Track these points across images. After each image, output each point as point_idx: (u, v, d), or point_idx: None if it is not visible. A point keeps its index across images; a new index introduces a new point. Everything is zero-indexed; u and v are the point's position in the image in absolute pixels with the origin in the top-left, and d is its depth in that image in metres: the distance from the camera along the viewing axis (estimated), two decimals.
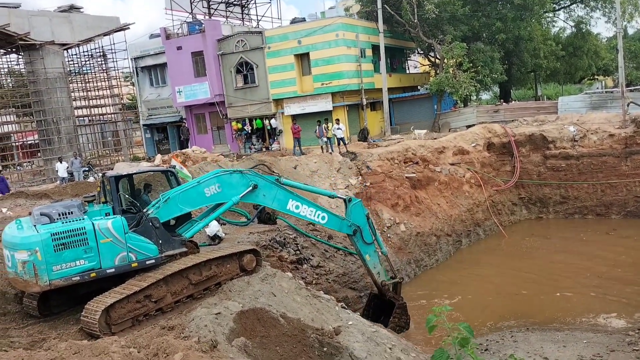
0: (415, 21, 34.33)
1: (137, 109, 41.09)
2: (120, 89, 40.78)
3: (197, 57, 34.70)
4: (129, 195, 11.14)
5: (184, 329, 8.76)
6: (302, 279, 14.20)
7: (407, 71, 45.19)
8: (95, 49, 37.60)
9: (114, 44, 37.45)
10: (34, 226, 9.70)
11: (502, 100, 42.81)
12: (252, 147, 35.29)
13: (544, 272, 18.79)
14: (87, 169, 27.85)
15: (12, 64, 36.99)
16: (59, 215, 9.88)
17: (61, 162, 26.82)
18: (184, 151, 27.69)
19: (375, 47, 34.16)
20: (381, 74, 33.38)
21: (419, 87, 41.74)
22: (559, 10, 45.08)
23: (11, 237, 9.72)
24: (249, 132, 35.09)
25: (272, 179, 12.72)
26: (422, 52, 41.26)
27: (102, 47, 37.54)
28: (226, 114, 35.31)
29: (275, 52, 33.33)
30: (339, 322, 10.98)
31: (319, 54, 32.32)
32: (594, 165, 25.17)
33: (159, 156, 28.05)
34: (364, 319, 12.57)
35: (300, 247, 15.74)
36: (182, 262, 10.57)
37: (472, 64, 33.13)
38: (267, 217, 16.39)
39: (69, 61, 36.79)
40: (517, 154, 26.61)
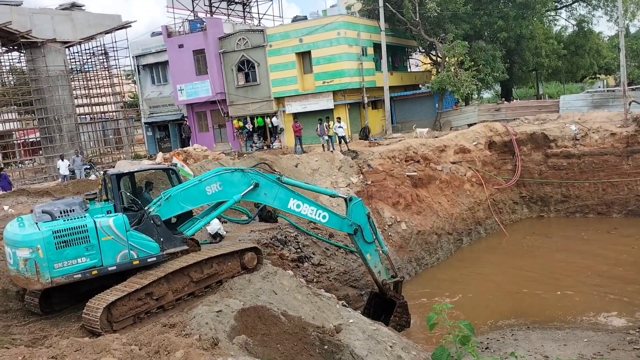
0: (416, 19, 34.26)
1: (138, 107, 41.08)
2: (121, 87, 40.78)
3: (199, 55, 34.67)
4: (131, 193, 11.17)
5: (185, 327, 8.78)
6: (303, 277, 14.23)
7: (409, 70, 45.10)
8: (97, 46, 37.62)
9: (116, 42, 37.51)
10: (36, 224, 9.72)
11: (503, 98, 42.75)
12: (254, 145, 35.28)
13: (545, 271, 18.81)
14: (88, 167, 27.84)
15: (14, 62, 37.02)
16: (60, 213, 9.91)
17: (63, 160, 26.83)
18: (185, 149, 27.68)
19: (376, 46, 34.11)
20: (382, 72, 33.34)
21: (420, 86, 41.72)
22: (560, 8, 44.95)
23: (13, 235, 9.75)
24: (250, 130, 35.07)
25: (274, 177, 12.73)
26: (423, 50, 41.14)
27: (104, 45, 37.60)
28: (227, 112, 35.29)
29: (276, 51, 33.32)
30: (340, 320, 11.00)
31: (321, 52, 32.29)
32: (596, 164, 25.17)
33: (160, 154, 28.08)
34: (364, 317, 12.58)
35: (301, 246, 15.78)
36: (184, 259, 10.60)
37: (473, 63, 33.06)
38: (268, 216, 16.41)
39: (70, 59, 36.81)
40: (519, 153, 26.61)
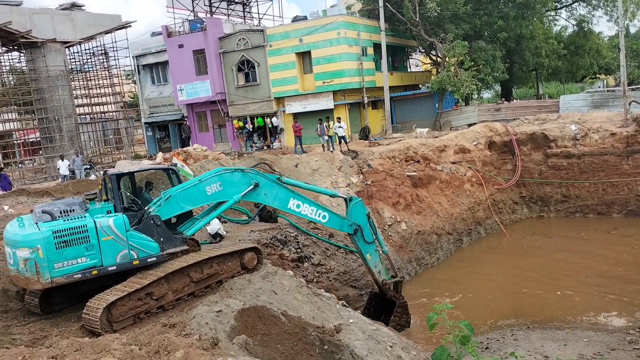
0: (416, 19, 34.26)
1: (138, 107, 41.08)
2: (121, 87, 40.78)
3: (199, 55, 34.68)
4: (131, 193, 11.17)
5: (185, 327, 8.78)
6: (303, 277, 14.23)
7: (409, 70, 45.10)
8: (97, 46, 37.62)
9: (116, 42, 37.51)
10: (36, 224, 9.72)
11: (503, 98, 42.75)
12: (254, 145, 35.28)
13: (545, 271, 18.80)
14: (88, 167, 27.84)
15: (14, 62, 37.02)
16: (60, 213, 9.91)
17: (63, 160, 26.83)
18: (185, 149, 27.68)
19: (376, 46, 34.11)
20: (382, 72, 33.35)
21: (420, 86, 41.71)
22: (560, 8, 44.95)
23: (13, 235, 9.75)
24: (250, 130, 35.08)
25: (274, 177, 12.73)
26: (423, 50, 41.14)
27: (104, 45, 37.60)
28: (227, 112, 35.29)
29: (276, 51, 33.32)
30: (340, 320, 11.00)
31: (321, 52, 32.29)
32: (596, 164, 25.17)
33: (160, 154, 28.08)
34: (364, 317, 12.57)
35: (301, 245, 15.79)
36: (184, 259, 10.60)
37: (473, 63, 33.06)
38: (268, 216, 16.41)
39: (70, 59, 36.80)
40: (519, 153, 26.60)
